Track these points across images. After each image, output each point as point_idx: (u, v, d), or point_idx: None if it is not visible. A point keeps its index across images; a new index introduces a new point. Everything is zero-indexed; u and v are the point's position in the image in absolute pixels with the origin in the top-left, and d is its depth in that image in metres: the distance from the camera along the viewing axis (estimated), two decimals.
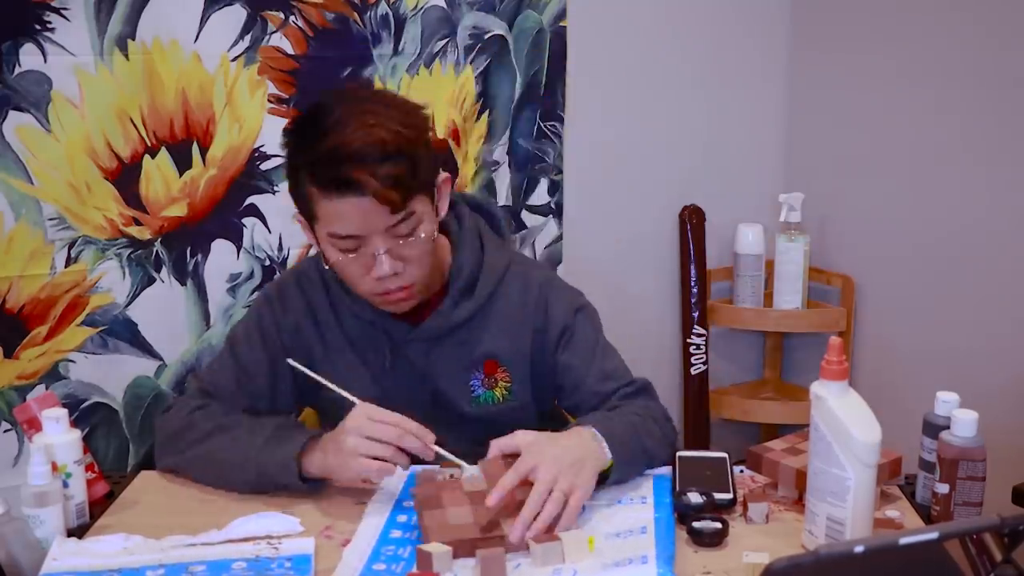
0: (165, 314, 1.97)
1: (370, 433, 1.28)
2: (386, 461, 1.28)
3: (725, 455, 1.42)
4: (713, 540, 1.22)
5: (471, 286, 1.50)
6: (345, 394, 1.36)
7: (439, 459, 1.31)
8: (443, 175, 1.44)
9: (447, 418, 1.47)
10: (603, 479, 1.32)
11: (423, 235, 1.38)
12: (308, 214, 1.39)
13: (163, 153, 1.91)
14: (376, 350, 1.51)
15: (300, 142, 1.37)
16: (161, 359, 1.98)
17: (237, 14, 1.92)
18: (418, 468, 1.38)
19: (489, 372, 1.51)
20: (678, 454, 1.41)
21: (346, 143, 1.31)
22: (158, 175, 1.91)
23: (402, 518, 1.28)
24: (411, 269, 1.39)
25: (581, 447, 1.31)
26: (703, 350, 2.53)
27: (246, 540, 1.22)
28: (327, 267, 1.45)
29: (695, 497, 1.28)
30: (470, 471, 1.29)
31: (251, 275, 2.02)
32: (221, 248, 1.99)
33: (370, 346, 1.51)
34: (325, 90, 1.60)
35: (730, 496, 1.31)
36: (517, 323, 1.52)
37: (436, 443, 1.30)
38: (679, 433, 2.56)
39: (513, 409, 1.52)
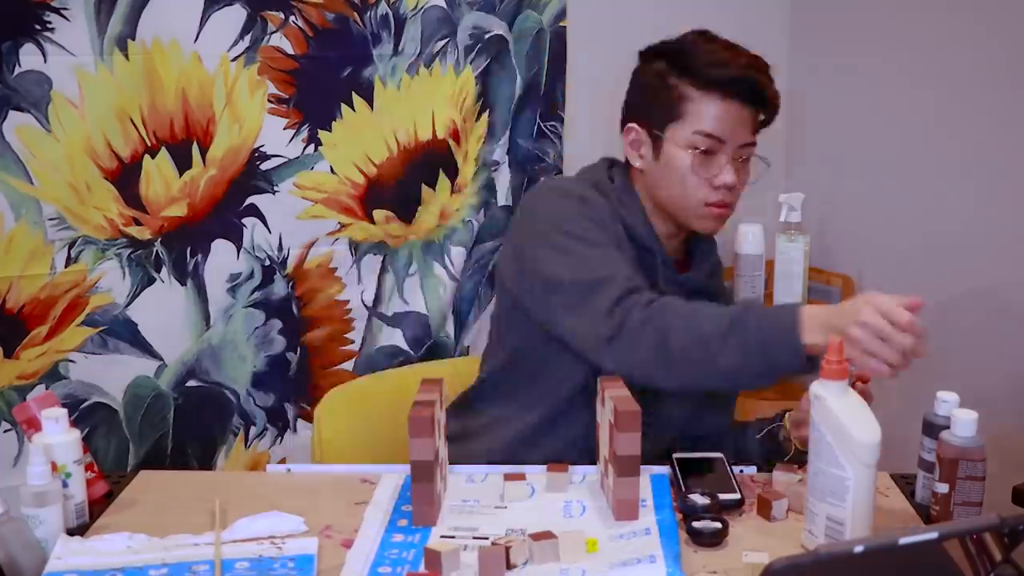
0: (165, 314, 1.97)
1: (881, 332, 1.24)
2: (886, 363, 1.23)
3: (722, 455, 1.42)
4: (713, 540, 1.22)
5: (708, 252, 1.65)
6: None
7: None
8: None
9: None
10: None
11: (749, 170, 1.55)
12: (667, 117, 1.51)
13: (163, 153, 1.91)
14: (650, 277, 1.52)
15: (682, 56, 1.53)
16: (161, 359, 1.98)
17: (237, 14, 1.92)
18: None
19: None
20: (675, 456, 1.41)
21: (742, 56, 1.52)
22: (158, 175, 1.92)
23: (402, 522, 1.28)
24: (738, 191, 1.54)
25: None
26: None
27: (249, 540, 1.22)
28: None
29: (700, 499, 1.28)
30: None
31: (251, 275, 2.02)
32: (221, 248, 1.99)
33: (648, 271, 1.53)
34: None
35: (737, 496, 1.31)
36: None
37: None
38: None
39: None
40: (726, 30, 2.47)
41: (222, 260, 2.00)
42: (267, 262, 2.03)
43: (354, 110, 2.03)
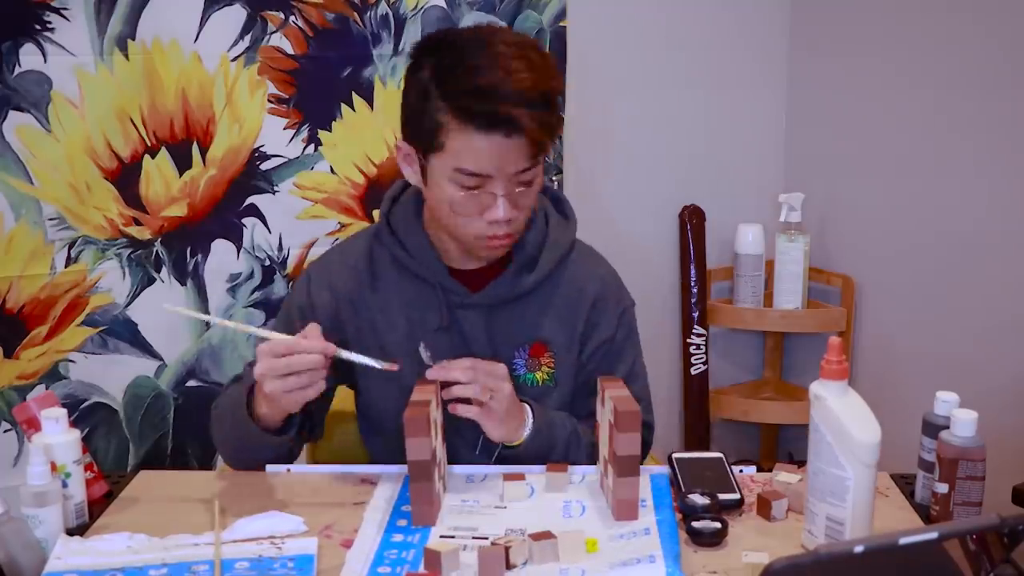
0: (165, 314, 1.96)
1: (282, 370, 1.29)
2: (309, 386, 1.30)
3: (721, 455, 1.42)
4: (713, 540, 1.22)
5: (533, 260, 1.49)
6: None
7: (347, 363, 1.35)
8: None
9: None
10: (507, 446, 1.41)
11: (536, 185, 1.40)
12: (430, 144, 1.34)
13: (163, 153, 1.91)
14: (431, 311, 1.48)
15: (445, 70, 1.32)
16: (161, 359, 1.98)
17: (237, 14, 1.92)
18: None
19: (535, 355, 1.51)
20: (674, 456, 1.40)
21: (504, 81, 1.29)
22: (158, 175, 1.92)
23: (402, 522, 1.28)
24: (519, 218, 1.40)
25: (515, 403, 1.41)
26: (703, 350, 2.53)
27: (249, 540, 1.22)
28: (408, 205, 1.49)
29: (700, 499, 1.28)
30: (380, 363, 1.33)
31: (251, 275, 2.02)
32: (221, 248, 2.00)
33: (426, 307, 1.48)
34: (460, 28, 1.61)
35: (737, 496, 1.31)
36: (573, 308, 1.52)
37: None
38: (677, 434, 2.58)
39: (548, 394, 1.51)
40: (726, 30, 2.49)
41: (222, 260, 2.00)
42: (267, 262, 2.03)
43: (354, 110, 2.03)
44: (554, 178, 2.29)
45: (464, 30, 1.43)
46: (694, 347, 2.52)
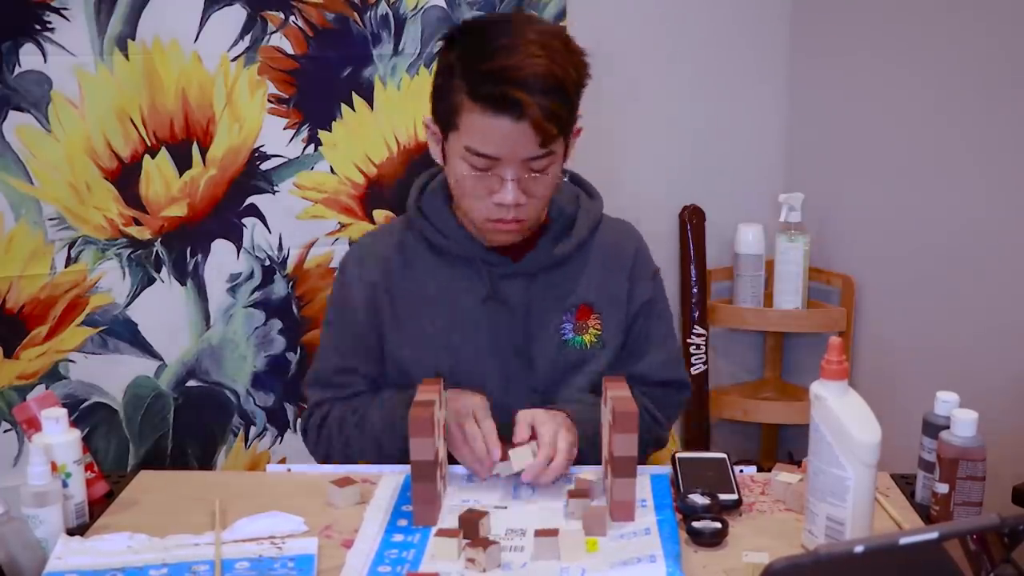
0: (165, 314, 1.97)
1: (465, 432, 1.36)
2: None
3: (724, 456, 1.42)
4: (713, 540, 1.22)
5: (569, 226, 1.53)
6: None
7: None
8: (579, 125, 1.47)
9: (531, 356, 1.50)
10: None
11: (551, 175, 1.41)
12: (448, 122, 1.40)
13: (163, 153, 1.91)
14: (472, 287, 1.50)
15: (468, 52, 1.37)
16: (161, 359, 1.98)
17: (237, 14, 1.92)
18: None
19: (582, 317, 1.53)
20: (676, 455, 1.41)
21: (518, 66, 1.32)
22: (158, 175, 1.92)
23: (402, 522, 1.28)
24: (530, 204, 1.42)
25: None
26: (703, 350, 2.53)
27: (249, 540, 1.22)
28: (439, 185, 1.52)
29: (700, 499, 1.28)
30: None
31: (251, 275, 2.02)
32: (221, 248, 1.99)
33: (465, 285, 1.51)
34: (496, 14, 1.68)
35: (735, 497, 1.31)
36: (614, 269, 1.55)
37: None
38: (677, 434, 2.58)
39: (596, 355, 1.54)
40: (726, 30, 2.49)
41: (222, 260, 2.00)
42: (267, 262, 2.03)
43: (354, 110, 2.03)
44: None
45: (498, 15, 1.49)
46: (694, 347, 2.52)
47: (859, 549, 0.87)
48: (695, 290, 2.50)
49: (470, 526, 1.20)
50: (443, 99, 1.39)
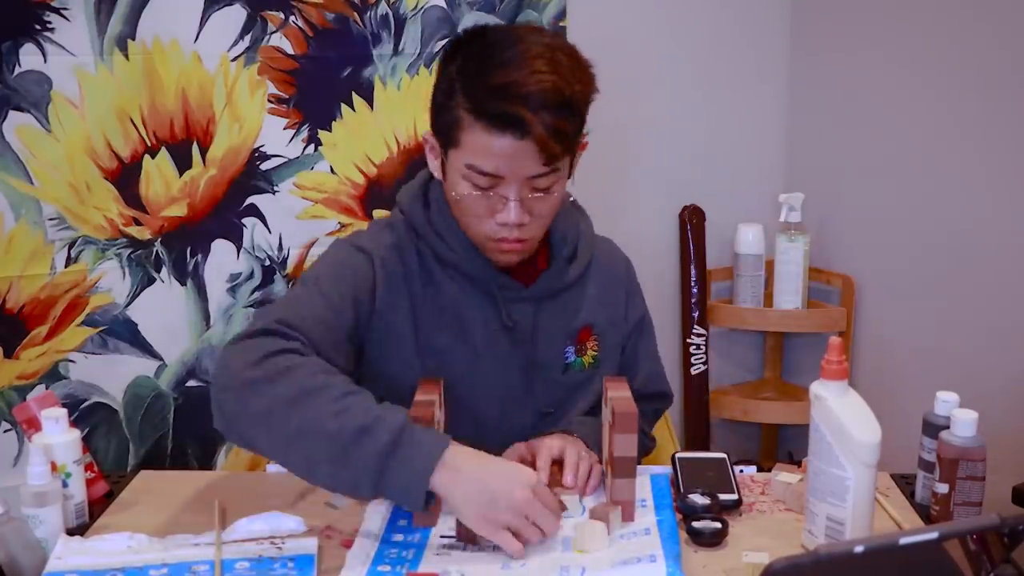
0: (165, 314, 1.97)
1: (530, 513, 1.17)
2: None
3: (724, 456, 1.42)
4: (713, 540, 1.22)
5: (574, 251, 1.50)
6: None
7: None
8: (584, 139, 1.42)
9: (535, 380, 1.48)
10: None
11: (555, 194, 1.36)
12: (448, 138, 1.33)
13: (163, 153, 1.91)
14: (483, 309, 1.44)
15: (470, 65, 1.31)
16: (161, 359, 1.98)
17: (237, 14, 1.92)
18: None
19: (582, 339, 1.52)
20: (676, 455, 1.41)
21: (522, 82, 1.26)
22: (158, 175, 1.92)
23: (402, 522, 1.28)
24: (534, 224, 1.36)
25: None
26: (703, 350, 2.53)
27: (249, 540, 1.22)
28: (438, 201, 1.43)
29: (700, 499, 1.28)
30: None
31: (251, 275, 2.02)
32: (221, 248, 1.99)
33: (476, 304, 1.44)
34: (498, 25, 1.61)
35: (735, 497, 1.31)
36: (611, 290, 1.55)
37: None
38: (678, 434, 2.58)
39: (593, 375, 1.52)
40: (726, 29, 2.49)
41: (222, 260, 2.00)
42: (267, 262, 2.03)
43: (354, 110, 2.03)
44: None
45: (501, 27, 1.44)
46: (694, 347, 2.52)
47: (859, 549, 0.87)
48: (695, 290, 2.50)
49: (467, 532, 1.20)
50: (443, 114, 1.33)
